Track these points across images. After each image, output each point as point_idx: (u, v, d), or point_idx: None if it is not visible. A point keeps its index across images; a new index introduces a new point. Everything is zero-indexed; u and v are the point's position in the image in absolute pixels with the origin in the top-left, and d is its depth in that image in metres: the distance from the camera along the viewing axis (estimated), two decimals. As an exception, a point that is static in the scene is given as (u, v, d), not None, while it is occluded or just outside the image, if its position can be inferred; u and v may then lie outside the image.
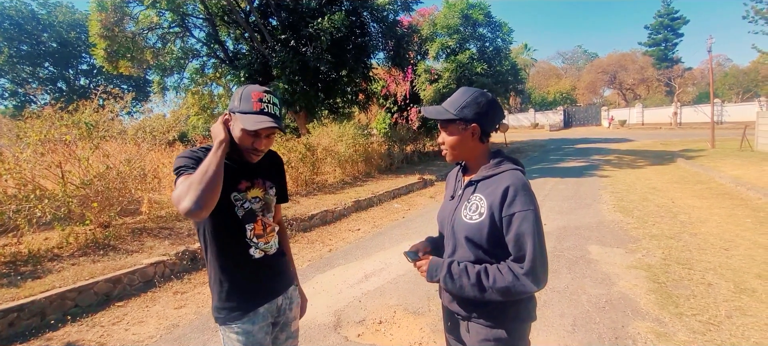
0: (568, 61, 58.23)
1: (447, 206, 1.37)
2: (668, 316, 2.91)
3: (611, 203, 6.97)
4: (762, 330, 2.69)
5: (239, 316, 1.32)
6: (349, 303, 3.42)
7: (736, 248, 4.37)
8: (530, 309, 1.26)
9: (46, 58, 27.63)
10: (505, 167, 1.23)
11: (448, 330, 1.39)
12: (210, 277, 1.35)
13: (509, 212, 1.14)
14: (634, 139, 22.10)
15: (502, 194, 1.15)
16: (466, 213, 1.23)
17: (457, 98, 1.25)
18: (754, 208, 6.14)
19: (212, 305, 1.36)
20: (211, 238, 1.31)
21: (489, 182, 1.22)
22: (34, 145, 4.69)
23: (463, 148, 1.27)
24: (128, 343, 2.94)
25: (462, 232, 1.23)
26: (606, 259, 4.17)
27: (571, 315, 2.98)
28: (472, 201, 1.23)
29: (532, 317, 1.27)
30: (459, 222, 1.25)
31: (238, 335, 1.31)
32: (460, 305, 1.28)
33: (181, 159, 1.23)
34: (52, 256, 4.29)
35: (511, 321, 1.22)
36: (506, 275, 1.13)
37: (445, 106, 1.27)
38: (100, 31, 12.27)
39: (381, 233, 5.88)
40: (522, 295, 1.14)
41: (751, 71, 34.14)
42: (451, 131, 1.26)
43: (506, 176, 1.19)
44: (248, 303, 1.34)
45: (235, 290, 1.32)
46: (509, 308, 1.21)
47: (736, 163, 10.30)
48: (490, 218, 1.17)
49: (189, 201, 1.08)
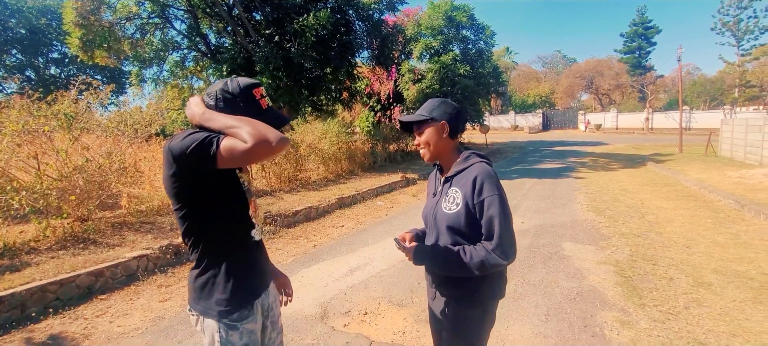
0: (548, 66, 59.79)
1: (429, 203, 1.57)
2: (632, 306, 3.15)
3: (585, 203, 7.30)
4: (715, 319, 2.94)
5: (245, 308, 1.26)
6: (335, 296, 3.51)
7: (697, 246, 4.70)
8: (498, 287, 1.44)
9: (14, 45, 26.33)
10: (472, 161, 1.42)
11: (432, 305, 1.56)
12: (206, 272, 1.24)
13: (479, 199, 1.32)
14: (608, 143, 22.96)
15: (471, 184, 1.34)
16: (446, 205, 1.41)
17: (428, 105, 1.49)
18: (715, 209, 6.57)
19: (210, 300, 1.23)
20: (217, 224, 1.22)
21: (461, 176, 1.40)
22: (10, 136, 4.56)
23: (435, 145, 1.45)
24: (114, 335, 2.94)
25: (443, 222, 1.41)
26: (578, 255, 4.41)
27: (545, 306, 3.17)
28: (450, 194, 1.41)
29: (500, 295, 1.46)
30: (440, 214, 1.43)
31: (242, 336, 1.24)
32: (440, 285, 1.47)
33: (202, 133, 1.10)
34: (29, 249, 4.20)
35: (481, 297, 1.40)
36: (480, 251, 1.31)
37: (418, 111, 1.50)
38: (75, 19, 11.84)
39: (365, 229, 5.98)
40: (495, 267, 1.30)
41: (718, 80, 35.97)
42: (423, 130, 1.46)
43: (474, 168, 1.38)
44: (251, 288, 1.30)
45: (240, 278, 1.26)
46: (480, 285, 1.39)
47: (701, 168, 10.91)
48: (465, 206, 1.35)
49: (274, 133, 1.05)
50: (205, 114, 1.17)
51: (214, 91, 1.21)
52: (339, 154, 10.94)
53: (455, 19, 17.78)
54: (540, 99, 46.20)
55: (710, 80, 37.17)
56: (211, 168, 1.10)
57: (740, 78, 31.54)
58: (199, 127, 1.17)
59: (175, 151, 1.10)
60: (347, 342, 2.73)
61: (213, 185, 1.19)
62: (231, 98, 1.19)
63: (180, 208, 1.20)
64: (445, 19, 17.59)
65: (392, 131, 15.26)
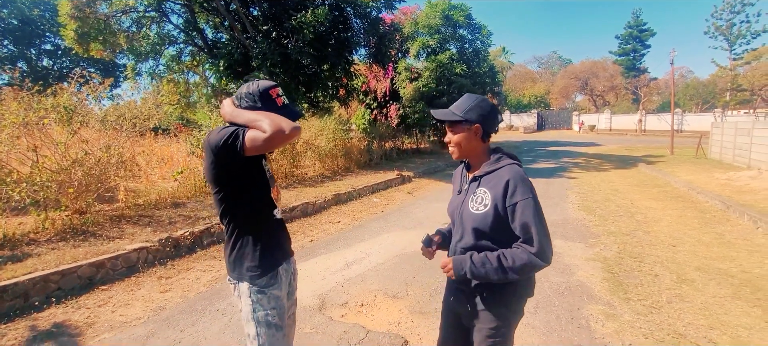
0: (544, 66, 60.17)
1: (455, 200, 1.56)
2: (617, 300, 3.29)
3: (576, 202, 7.46)
4: (695, 313, 3.09)
5: (271, 274, 1.50)
6: (333, 288, 3.61)
7: (682, 245, 4.87)
8: (529, 287, 1.48)
9: (6, 36, 26.02)
10: (504, 163, 1.42)
11: (452, 305, 1.60)
12: (237, 244, 1.49)
13: (512, 201, 1.32)
14: (601, 144, 23.25)
15: (504, 187, 1.34)
16: (473, 205, 1.41)
17: (463, 103, 1.46)
18: (702, 210, 6.75)
19: (242, 268, 1.48)
20: (246, 203, 1.47)
21: (491, 177, 1.40)
22: (10, 128, 4.60)
23: (467, 146, 1.46)
24: (116, 324, 3.02)
25: (469, 222, 1.42)
26: (568, 252, 4.55)
27: (535, 299, 3.30)
28: (478, 194, 1.41)
29: (529, 293, 1.49)
30: (467, 213, 1.43)
31: (269, 300, 1.48)
32: (465, 284, 1.48)
33: (232, 127, 1.37)
34: (29, 240, 4.25)
35: (511, 297, 1.43)
36: (522, 254, 1.30)
37: (452, 109, 1.47)
38: (70, 11, 11.76)
39: (361, 225, 6.08)
40: (536, 269, 1.32)
41: (710, 84, 36.43)
42: (457, 131, 1.45)
43: (506, 170, 1.39)
44: (275, 258, 1.54)
45: (266, 248, 1.50)
46: (509, 286, 1.41)
47: (691, 169, 11.15)
48: (494, 209, 1.35)
49: (287, 123, 1.33)
50: (234, 112, 1.44)
51: (240, 92, 1.46)
52: (335, 151, 11.02)
53: (452, 18, 17.87)
54: (535, 99, 46.51)
55: (703, 83, 37.63)
56: (241, 155, 1.34)
57: (732, 82, 31.98)
58: (230, 123, 1.43)
59: (213, 144, 1.35)
60: (345, 331, 2.83)
61: (243, 172, 1.45)
62: (252, 97, 1.45)
63: (218, 191, 1.46)
64: (442, 18, 17.68)
65: (388, 129, 15.36)
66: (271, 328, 1.47)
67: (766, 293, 3.44)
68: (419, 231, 5.51)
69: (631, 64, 44.73)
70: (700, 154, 14.96)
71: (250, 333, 1.47)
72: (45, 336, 2.82)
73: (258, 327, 1.46)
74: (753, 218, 5.73)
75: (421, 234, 3.98)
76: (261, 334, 1.46)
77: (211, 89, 15.13)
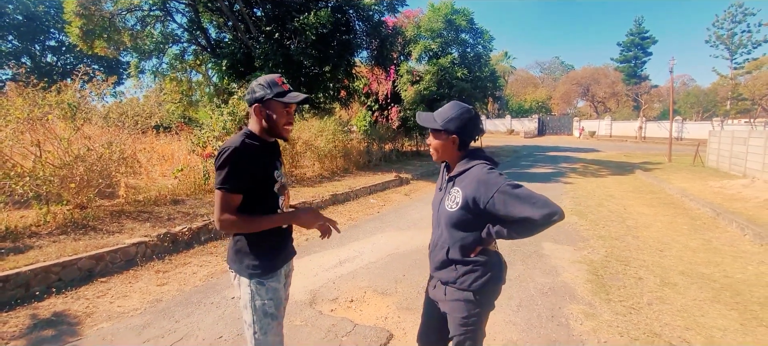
0: (546, 71, 60.30)
1: (436, 196, 1.73)
2: (598, 301, 3.39)
3: (569, 207, 7.56)
4: (673, 315, 3.19)
5: (271, 273, 1.61)
6: (324, 284, 3.73)
7: (670, 250, 4.96)
8: (500, 274, 1.61)
9: (10, 31, 26.26)
10: (474, 163, 1.55)
11: (431, 293, 1.74)
12: (240, 240, 1.60)
13: (486, 199, 1.43)
14: (600, 150, 23.34)
15: (474, 187, 1.47)
16: (448, 203, 1.56)
17: (445, 112, 1.57)
18: (693, 216, 6.85)
19: (242, 264, 1.59)
20: (251, 212, 1.54)
21: (463, 177, 1.54)
22: (14, 123, 4.73)
23: (444, 152, 1.61)
24: (114, 314, 3.13)
25: (445, 219, 1.57)
26: (556, 254, 4.66)
27: (518, 298, 3.41)
28: (452, 193, 1.56)
29: (501, 281, 1.62)
30: (443, 211, 1.59)
31: (267, 291, 1.59)
32: (441, 273, 1.63)
33: (229, 172, 1.46)
34: (31, 233, 4.38)
35: (481, 286, 1.55)
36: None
37: (435, 116, 1.60)
38: (76, 9, 11.94)
39: (356, 225, 6.19)
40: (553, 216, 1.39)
41: (711, 92, 36.49)
42: (437, 137, 1.60)
43: (475, 169, 1.52)
44: (276, 262, 1.64)
45: (269, 252, 1.61)
46: (480, 276, 1.55)
47: (686, 177, 11.24)
48: (465, 206, 1.49)
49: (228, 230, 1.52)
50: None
51: (252, 86, 1.59)
52: (334, 152, 11.14)
53: (455, 22, 18.01)
54: (536, 104, 46.64)
55: (704, 92, 37.69)
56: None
57: (733, 91, 32.08)
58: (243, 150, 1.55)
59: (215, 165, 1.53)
60: (333, 324, 2.94)
61: (251, 189, 1.55)
62: (262, 87, 1.56)
63: None
64: (444, 22, 17.82)
65: (388, 131, 15.46)
66: (267, 316, 1.58)
67: (745, 296, 3.55)
68: (413, 232, 5.61)
69: (632, 71, 44.83)
70: (697, 162, 15.04)
71: (247, 320, 1.59)
72: (45, 324, 2.93)
73: (254, 315, 1.57)
74: (741, 226, 5.83)
75: (414, 235, 4.15)
76: (257, 321, 1.57)
77: (213, 88, 15.27)
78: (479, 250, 1.56)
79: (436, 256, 1.65)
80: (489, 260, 1.58)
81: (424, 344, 1.84)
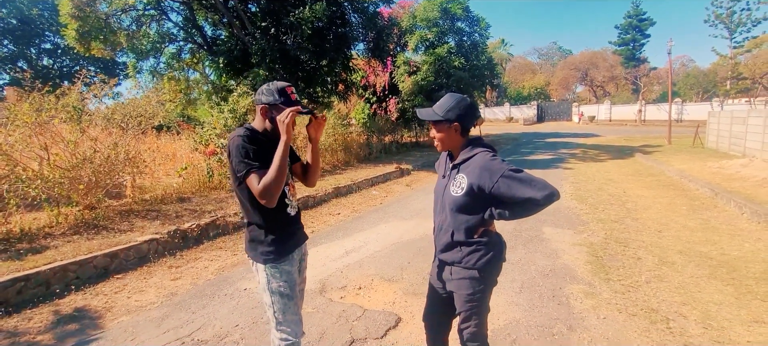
0: (544, 57, 60.01)
1: (439, 183, 1.83)
2: (598, 281, 3.51)
3: (569, 191, 7.67)
4: (671, 292, 3.31)
5: (283, 257, 1.75)
6: (332, 273, 3.85)
7: (668, 230, 5.08)
8: (501, 253, 1.73)
9: (5, 36, 26.17)
10: (476, 151, 1.66)
11: (436, 276, 1.86)
12: (253, 230, 1.74)
13: (491, 184, 1.54)
14: (600, 135, 23.38)
15: (478, 174, 1.57)
16: (453, 189, 1.67)
17: (444, 103, 1.69)
18: (691, 197, 6.96)
19: (256, 251, 1.74)
20: (257, 203, 1.65)
21: (467, 164, 1.65)
22: (23, 128, 4.81)
23: (448, 141, 1.71)
24: (133, 308, 3.26)
25: (450, 203, 1.68)
26: (556, 238, 4.77)
27: (520, 280, 3.53)
28: (457, 180, 1.66)
29: (502, 259, 1.73)
30: (448, 196, 1.69)
31: (281, 274, 1.75)
32: (446, 254, 1.74)
33: (244, 155, 1.59)
34: (45, 234, 4.49)
35: (485, 264, 1.66)
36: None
37: (434, 109, 1.71)
38: (71, 11, 11.92)
39: (360, 217, 6.31)
40: (551, 198, 1.53)
41: (711, 72, 36.34)
42: (440, 129, 1.71)
43: (478, 157, 1.63)
44: (287, 247, 1.78)
45: (279, 239, 1.76)
46: (483, 255, 1.66)
47: (686, 159, 11.33)
48: (470, 190, 1.60)
49: (273, 200, 1.59)
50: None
51: (260, 90, 1.72)
52: (335, 145, 11.24)
53: (450, 11, 17.93)
54: (535, 91, 46.50)
55: (703, 72, 37.53)
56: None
57: (732, 70, 31.93)
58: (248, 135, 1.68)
59: (227, 151, 1.66)
60: (343, 310, 3.07)
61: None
62: (271, 92, 1.68)
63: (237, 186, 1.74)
64: (440, 11, 17.74)
65: (387, 123, 15.52)
66: (283, 297, 1.76)
67: (741, 272, 3.66)
68: (416, 221, 5.73)
69: (630, 54, 44.67)
70: (697, 143, 15.12)
71: (266, 302, 1.77)
72: (68, 319, 3.06)
73: (272, 296, 1.75)
74: (739, 204, 5.93)
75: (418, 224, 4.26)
76: (275, 302, 1.75)
77: (211, 86, 15.30)
78: (481, 231, 1.66)
79: (441, 238, 1.76)
80: (491, 240, 1.69)
81: (430, 323, 1.96)
